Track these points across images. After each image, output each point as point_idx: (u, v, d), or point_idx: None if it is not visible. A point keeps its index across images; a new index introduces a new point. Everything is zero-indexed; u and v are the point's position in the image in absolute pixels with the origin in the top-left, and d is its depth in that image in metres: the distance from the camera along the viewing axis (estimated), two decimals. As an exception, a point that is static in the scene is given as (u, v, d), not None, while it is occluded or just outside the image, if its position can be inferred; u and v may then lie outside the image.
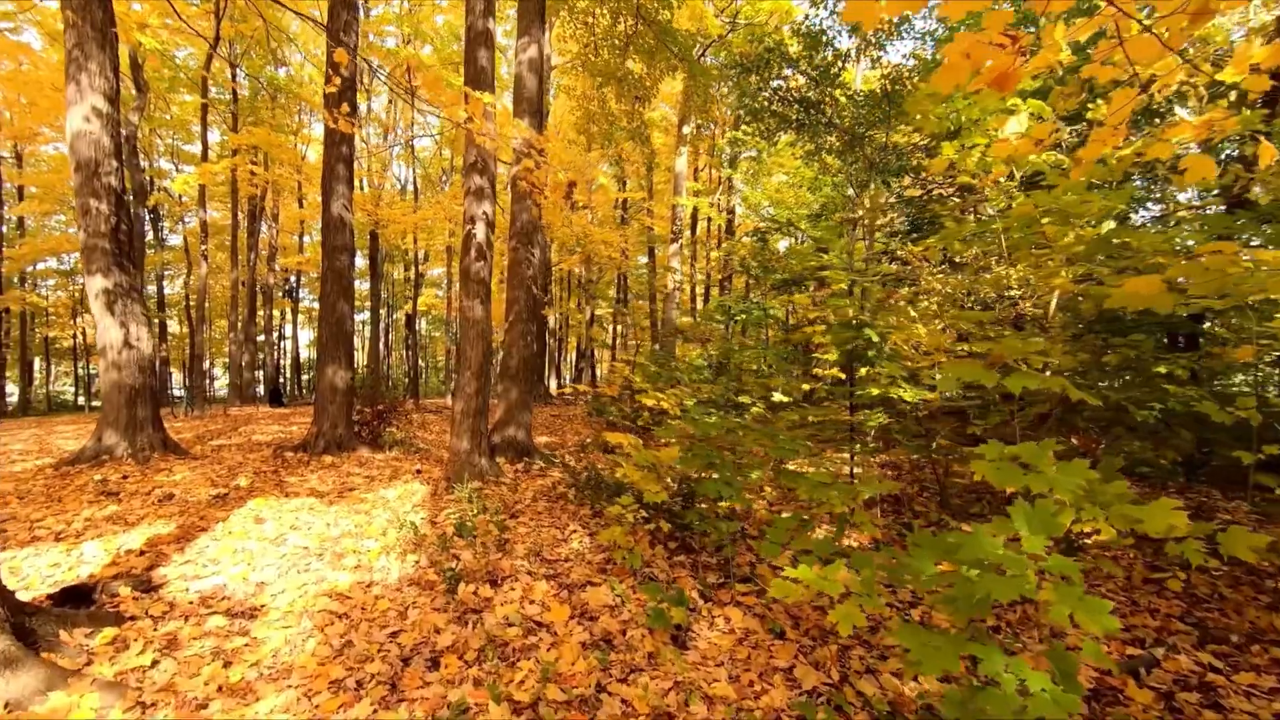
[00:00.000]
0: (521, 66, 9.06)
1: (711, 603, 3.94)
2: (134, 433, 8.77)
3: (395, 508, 6.24)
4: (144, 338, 8.95)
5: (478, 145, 7.39)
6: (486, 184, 7.52)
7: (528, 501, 6.48)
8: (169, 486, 7.01)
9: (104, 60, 8.61)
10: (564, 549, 4.91)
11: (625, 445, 5.52)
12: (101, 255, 8.51)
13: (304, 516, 5.87)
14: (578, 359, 35.38)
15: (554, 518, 5.87)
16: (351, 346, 10.15)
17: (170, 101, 25.72)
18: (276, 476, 7.78)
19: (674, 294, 19.04)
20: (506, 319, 9.28)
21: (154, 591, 4.07)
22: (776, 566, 4.55)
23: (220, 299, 34.12)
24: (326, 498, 6.67)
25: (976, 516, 5.93)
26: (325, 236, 9.81)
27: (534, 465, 8.45)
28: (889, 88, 12.06)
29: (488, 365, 7.64)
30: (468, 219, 7.49)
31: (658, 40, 12.27)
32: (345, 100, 8.87)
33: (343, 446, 9.57)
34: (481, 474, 7.33)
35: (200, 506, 6.18)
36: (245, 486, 7.14)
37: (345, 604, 3.98)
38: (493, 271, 7.79)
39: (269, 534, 5.30)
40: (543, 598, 4.01)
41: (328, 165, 9.74)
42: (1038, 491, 2.20)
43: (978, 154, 5.60)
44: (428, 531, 5.36)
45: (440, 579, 4.25)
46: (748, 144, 14.94)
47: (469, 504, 6.01)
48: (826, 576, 2.67)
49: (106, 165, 8.64)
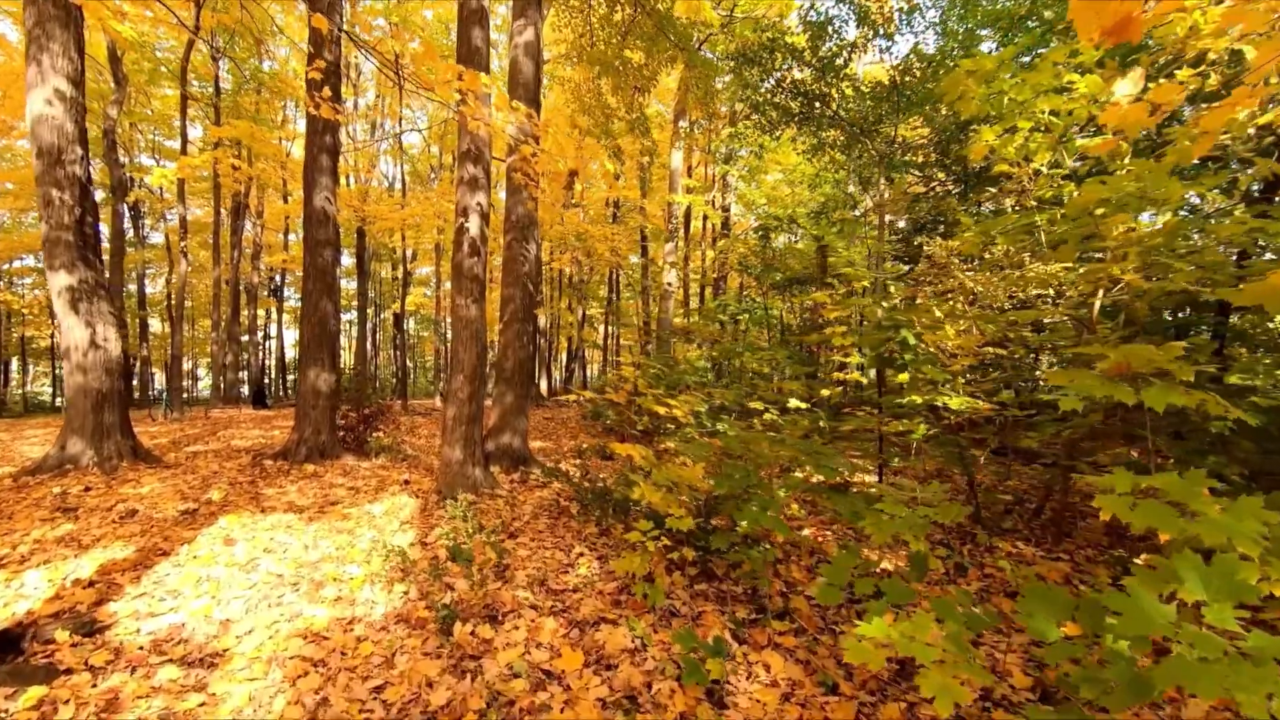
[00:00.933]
0: (518, 50, 8.52)
1: (746, 645, 3.42)
2: (100, 440, 8.17)
3: (381, 525, 5.69)
4: (112, 338, 8.35)
5: (471, 132, 6.86)
6: (481, 174, 6.97)
7: (527, 517, 5.94)
8: (134, 501, 6.43)
9: (67, 40, 7.99)
10: (571, 576, 4.39)
11: (636, 457, 5.00)
12: (65, 249, 7.90)
13: (280, 537, 5.31)
14: (569, 360, 34.85)
15: (557, 537, 5.34)
16: (336, 347, 9.57)
17: (151, 96, 24.99)
18: (253, 488, 7.20)
19: (670, 293, 18.56)
20: (501, 318, 8.73)
21: (99, 634, 3.50)
22: (811, 597, 4.05)
23: (203, 298, 33.34)
24: (306, 513, 6.11)
25: (1011, 533, 5.45)
26: (308, 231, 9.22)
27: (531, 475, 7.91)
28: (898, 79, 11.62)
29: (482, 368, 7.10)
30: (460, 211, 6.95)
31: (656, 28, 11.74)
32: (329, 85, 8.29)
33: (326, 454, 9.00)
34: (476, 486, 6.78)
35: (165, 525, 5.60)
36: (218, 500, 6.56)
37: (322, 647, 3.44)
38: (486, 268, 7.24)
39: (239, 558, 4.74)
40: (551, 639, 3.49)
41: (310, 155, 9.15)
42: (1214, 544, 1.70)
43: (1020, 139, 5.12)
44: (418, 555, 4.82)
45: (432, 615, 3.71)
46: (748, 138, 14.46)
47: (463, 521, 5.47)
48: (913, 636, 2.15)
49: (70, 153, 8.02)
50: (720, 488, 3.56)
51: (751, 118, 13.98)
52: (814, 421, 7.17)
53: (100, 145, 20.52)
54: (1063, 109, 4.76)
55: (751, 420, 8.28)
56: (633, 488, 3.85)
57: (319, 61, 8.36)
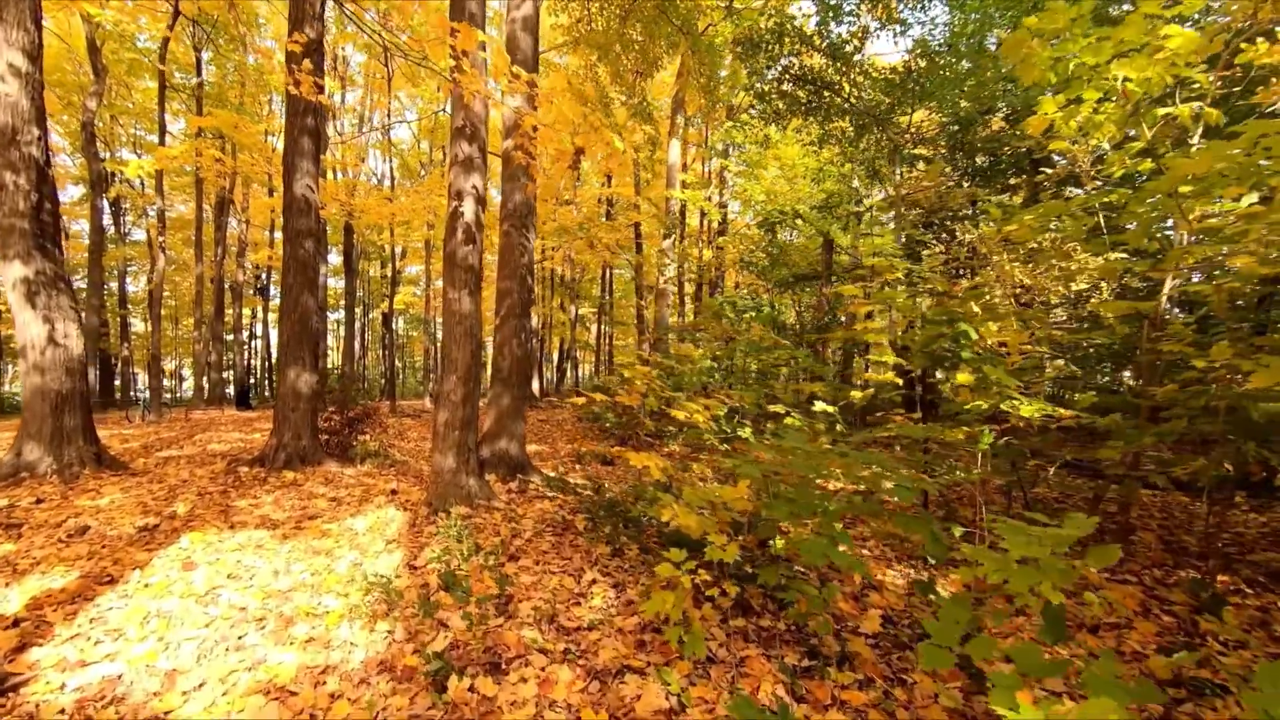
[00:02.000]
0: (515, 25, 7.89)
1: (806, 704, 2.82)
2: (60, 446, 7.50)
3: (364, 545, 5.04)
4: (73, 334, 7.67)
5: (466, 106, 6.23)
6: (477, 153, 6.33)
7: (528, 535, 5.31)
8: (89, 515, 5.76)
9: (23, 9, 7.30)
10: (584, 609, 3.76)
11: (654, 469, 4.39)
12: (20, 238, 7.23)
13: (248, 559, 4.66)
14: (560, 360, 34.25)
15: (564, 559, 4.72)
16: (317, 346, 8.92)
17: (133, 88, 24.22)
18: (224, 500, 6.54)
19: (667, 291, 17.97)
20: (496, 314, 8.09)
21: (9, 694, 2.86)
22: (869, 635, 3.45)
23: (187, 297, 32.49)
24: (280, 529, 5.46)
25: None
26: (287, 220, 8.55)
27: (530, 484, 7.28)
28: (915, 64, 11.07)
29: (477, 368, 6.46)
30: (454, 195, 6.31)
31: (658, 9, 11.12)
32: (310, 62, 7.63)
33: (306, 460, 8.33)
34: (470, 498, 6.15)
35: (119, 545, 4.94)
36: (183, 514, 5.89)
37: (288, 707, 2.81)
38: (483, 258, 6.61)
39: (198, 587, 4.09)
40: (567, 695, 2.87)
41: (290, 137, 8.49)
42: None
43: (1086, 110, 4.55)
44: (405, 582, 4.18)
45: (422, 663, 3.08)
46: (752, 129, 13.86)
47: (457, 541, 4.84)
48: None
49: (26, 133, 7.33)
50: (775, 511, 2.94)
51: (756, 107, 13.40)
52: (830, 426, 6.60)
53: (79, 138, 19.77)
54: (1139, 75, 4.19)
55: (765, 425, 7.69)
56: (660, 507, 3.24)
57: (299, 35, 7.71)
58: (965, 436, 3.89)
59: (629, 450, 4.34)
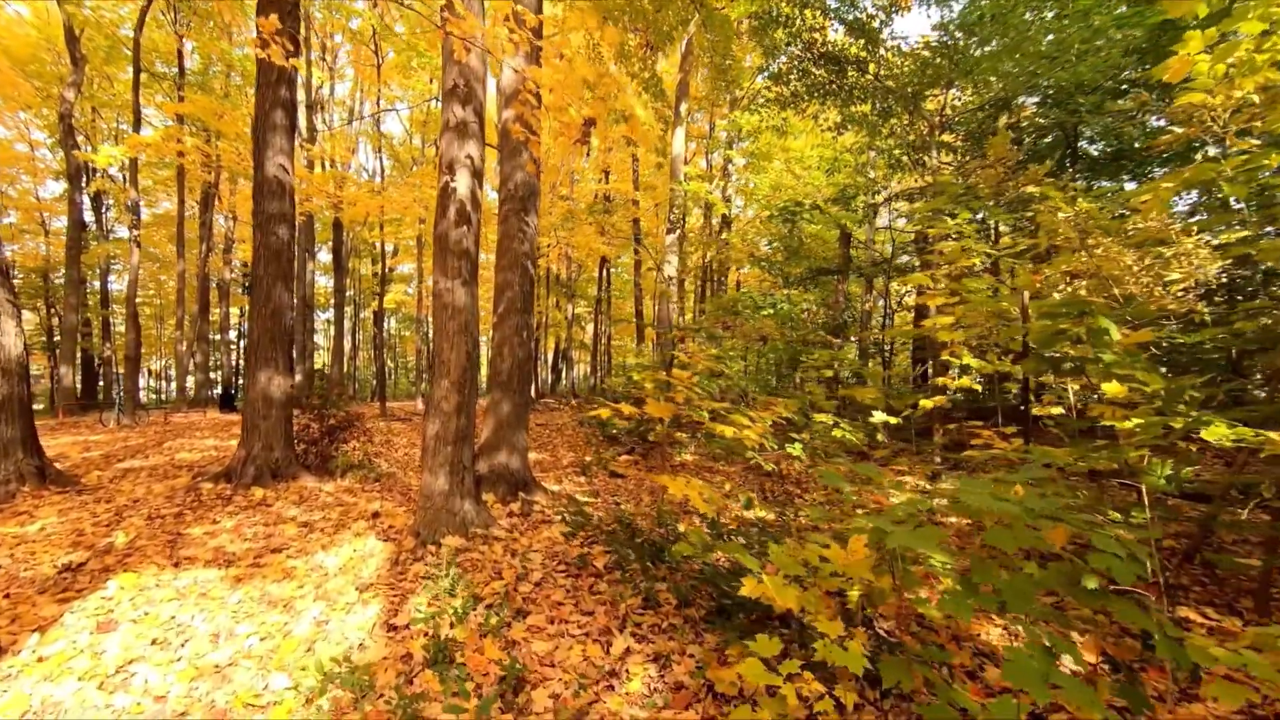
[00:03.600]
0: (515, -19, 6.93)
1: None
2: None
3: (334, 593, 4.06)
4: (11, 332, 6.68)
5: (459, 62, 5.26)
6: (472, 117, 5.35)
7: (537, 575, 4.34)
8: (7, 547, 4.78)
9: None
10: (619, 698, 2.80)
11: (695, 499, 3.43)
12: (-56, 221, 6.23)
13: (184, 615, 3.68)
14: (555, 360, 33.27)
15: (584, 613, 3.74)
16: (292, 346, 7.93)
17: (113, 79, 23.16)
18: (176, 525, 5.54)
19: (670, 288, 17.05)
20: (495, 309, 7.12)
21: None
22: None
23: (173, 295, 31.36)
24: (234, 568, 4.47)
25: (1177, 588, 3.95)
26: (258, 203, 7.55)
27: (534, 505, 6.30)
28: (950, 41, 10.16)
29: (473, 371, 5.48)
30: (446, 167, 5.33)
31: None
32: (279, 15, 6.63)
33: (279, 474, 7.34)
34: (465, 525, 5.17)
35: (26, 593, 3.96)
36: (121, 546, 4.91)
37: None
38: (479, 242, 5.65)
39: (107, 661, 3.11)
40: None
41: (261, 110, 7.49)
42: None
43: (1243, 48, 3.62)
44: (381, 653, 3.21)
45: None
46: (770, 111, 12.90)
47: (448, 588, 3.87)
48: None
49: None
50: (958, 610, 1.92)
51: (771, 89, 12.45)
52: (869, 439, 5.70)
53: (56, 130, 18.76)
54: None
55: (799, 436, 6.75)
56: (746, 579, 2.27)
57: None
58: (1125, 467, 2.95)
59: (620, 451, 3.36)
